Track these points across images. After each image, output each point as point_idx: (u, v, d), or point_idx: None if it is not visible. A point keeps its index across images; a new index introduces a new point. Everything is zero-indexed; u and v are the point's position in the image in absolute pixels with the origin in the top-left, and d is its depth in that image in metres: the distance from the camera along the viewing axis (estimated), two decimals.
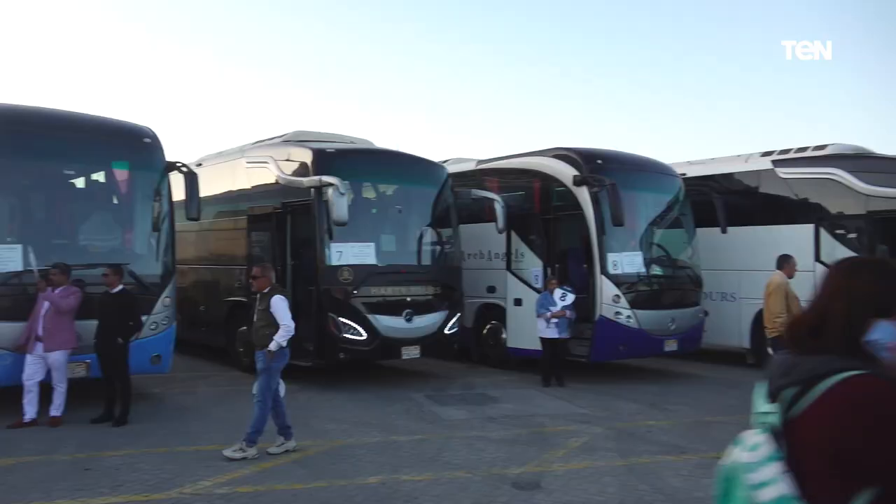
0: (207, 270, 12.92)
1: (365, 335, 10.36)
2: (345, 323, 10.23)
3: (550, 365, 11.08)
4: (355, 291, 10.35)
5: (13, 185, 9.12)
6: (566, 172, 11.52)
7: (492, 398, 10.11)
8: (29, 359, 7.94)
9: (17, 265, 8.30)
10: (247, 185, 12.10)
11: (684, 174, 13.02)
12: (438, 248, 11.81)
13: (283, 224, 11.01)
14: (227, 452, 6.84)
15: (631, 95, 47.36)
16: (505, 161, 13.21)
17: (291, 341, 7.21)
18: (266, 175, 11.48)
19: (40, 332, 7.90)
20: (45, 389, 8.10)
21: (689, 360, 12.80)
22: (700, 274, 12.24)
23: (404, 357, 10.90)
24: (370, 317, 10.40)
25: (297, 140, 11.74)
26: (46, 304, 7.90)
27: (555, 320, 10.81)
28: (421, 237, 11.56)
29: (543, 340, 11.02)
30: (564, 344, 11.13)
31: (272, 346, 6.98)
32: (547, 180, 12.03)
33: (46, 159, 9.17)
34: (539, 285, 11.60)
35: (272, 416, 7.13)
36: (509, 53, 48.40)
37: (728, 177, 13.30)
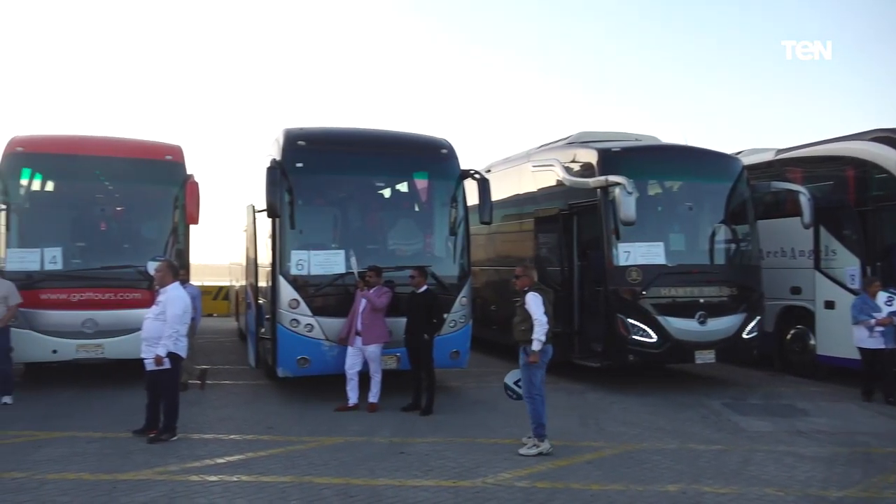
0: (496, 272, 13.51)
1: (655, 337, 10.05)
2: (634, 324, 10.03)
3: (875, 377, 9.74)
4: (644, 292, 10.09)
5: (335, 197, 10.40)
6: (891, 158, 10.07)
7: (800, 410, 9.18)
8: (350, 351, 9.00)
9: (340, 268, 9.44)
10: (533, 189, 12.44)
11: None
12: (734, 246, 11.04)
13: (569, 225, 11.12)
14: (523, 451, 7.07)
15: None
16: (809, 149, 11.92)
17: (578, 342, 7.25)
18: (551, 177, 11.70)
19: (359, 327, 8.89)
20: (363, 378, 9.09)
21: None
22: None
23: (698, 361, 10.38)
24: (660, 318, 10.07)
25: (581, 141, 11.78)
26: (364, 302, 8.88)
27: (879, 329, 9.48)
28: (714, 235, 10.90)
29: (863, 350, 9.73)
30: (892, 354, 9.67)
31: (535, 346, 7.06)
32: (864, 167, 10.63)
33: (359, 174, 10.30)
34: (855, 286, 10.27)
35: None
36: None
37: None
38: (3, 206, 9.96)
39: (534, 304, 7.17)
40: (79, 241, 10.61)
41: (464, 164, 10.35)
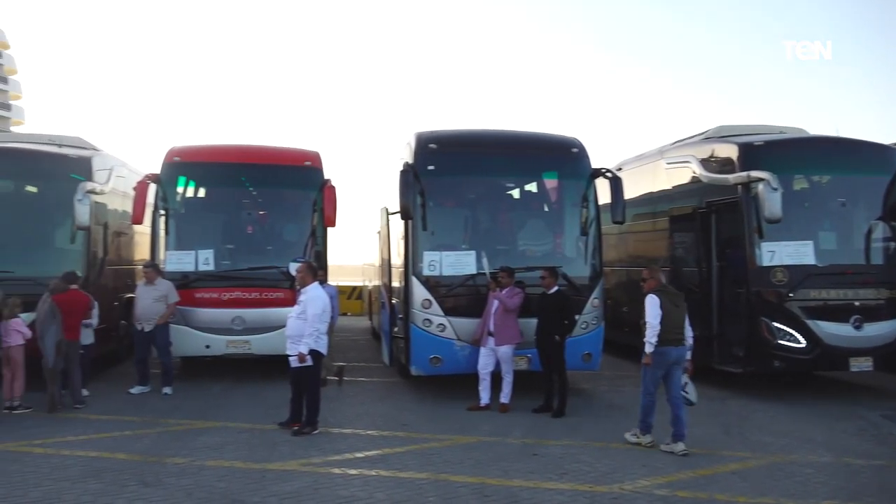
0: (628, 273, 13.16)
1: (804, 342, 9.45)
2: (780, 328, 9.47)
3: None
4: (791, 294, 9.50)
5: (465, 199, 10.51)
6: None
7: None
8: (483, 351, 9.06)
9: (471, 268, 9.53)
10: (667, 186, 12.02)
11: None
12: (893, 244, 10.16)
13: (706, 224, 10.65)
14: (626, 435, 7.48)
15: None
16: None
17: (717, 346, 7.03)
18: (687, 174, 11.26)
19: (491, 327, 8.93)
20: (495, 379, 9.13)
21: None
22: None
23: (853, 369, 9.64)
24: (810, 322, 9.45)
25: (719, 136, 11.26)
26: (496, 303, 8.91)
27: None
28: (870, 233, 10.09)
29: None
30: None
31: (646, 349, 7.17)
32: None
33: (490, 175, 10.37)
34: None
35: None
36: None
37: None
38: (163, 212, 10.80)
39: (649, 306, 7.22)
40: (228, 243, 11.35)
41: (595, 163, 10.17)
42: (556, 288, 8.94)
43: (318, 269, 9.90)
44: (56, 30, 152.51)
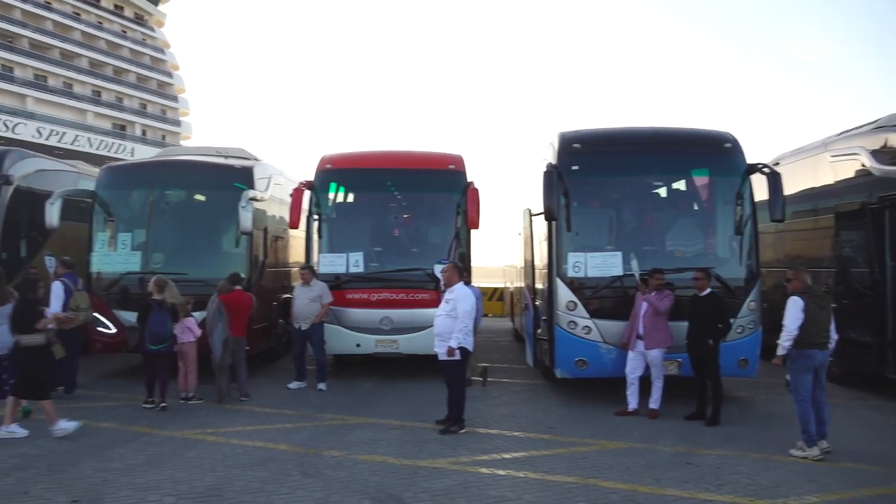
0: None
1: None
2: None
3: None
4: None
5: (610, 198, 10.29)
6: None
7: None
8: (631, 355, 8.83)
9: (617, 270, 9.31)
10: (831, 181, 11.15)
11: None
12: None
13: (879, 221, 9.77)
14: (792, 451, 7.04)
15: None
16: None
17: (893, 354, 6.46)
18: (855, 167, 10.39)
19: (640, 330, 8.68)
20: (643, 383, 8.86)
21: None
22: None
23: None
24: None
25: (893, 125, 10.31)
26: (645, 306, 8.65)
27: None
28: None
29: None
30: None
31: (778, 351, 7.11)
32: None
33: (637, 174, 10.08)
34: None
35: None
36: None
37: None
38: (316, 217, 11.37)
39: (790, 309, 7.09)
40: (376, 245, 11.78)
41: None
42: (708, 290, 8.56)
43: (464, 269, 10.13)
44: (214, 48, 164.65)
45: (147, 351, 9.01)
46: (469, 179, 11.48)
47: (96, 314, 10.93)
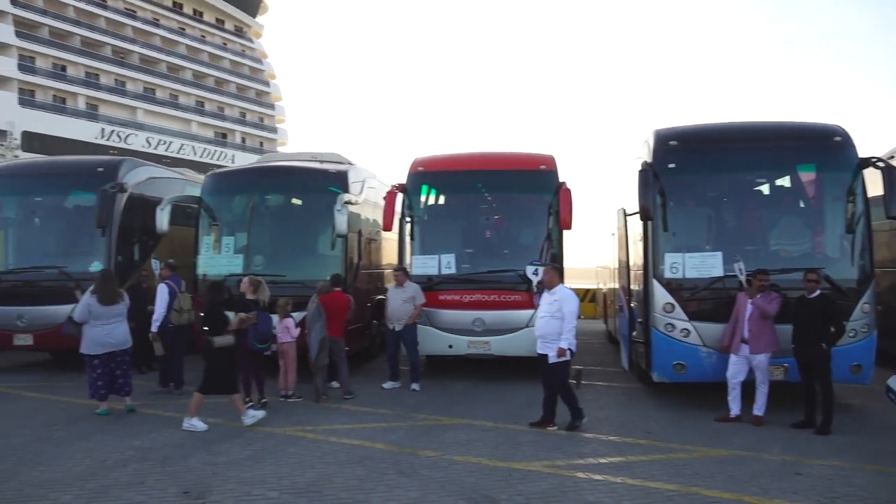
0: None
1: None
2: None
3: None
4: None
5: (709, 197, 9.92)
6: None
7: None
8: (733, 359, 8.48)
9: (717, 270, 8.98)
10: None
11: None
12: None
13: None
14: None
15: None
16: None
17: None
18: None
19: (745, 334, 8.34)
20: (745, 389, 8.51)
21: None
22: None
23: None
24: None
25: None
26: (750, 308, 8.30)
27: None
28: None
29: None
30: None
31: None
32: None
33: (737, 171, 9.68)
34: None
35: None
36: None
37: None
38: (409, 219, 11.52)
39: None
40: (468, 247, 11.82)
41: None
42: (818, 292, 8.12)
43: (562, 270, 10.08)
44: (307, 56, 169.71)
45: (254, 349, 9.33)
46: (561, 179, 11.36)
47: (203, 314, 11.47)
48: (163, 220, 11.50)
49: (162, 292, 10.08)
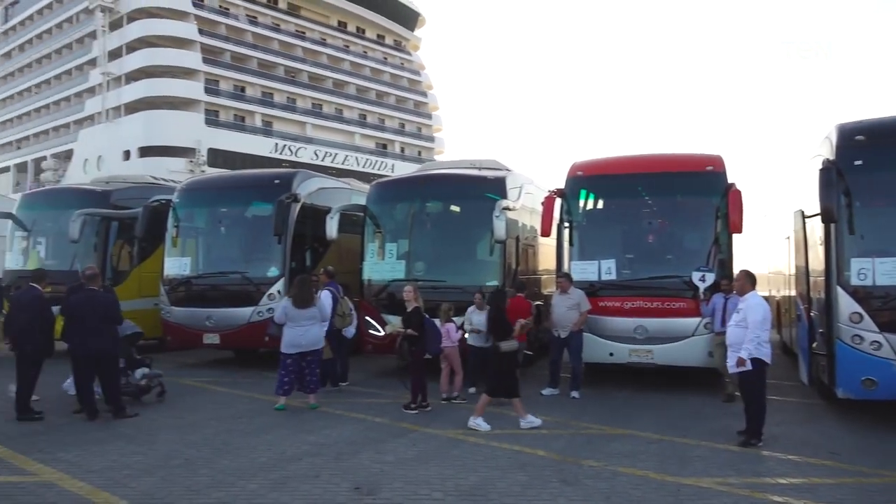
0: None
1: None
2: None
3: None
4: None
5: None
6: None
7: None
8: None
9: None
10: None
11: None
12: None
13: None
14: None
15: None
16: None
17: None
18: None
19: None
20: None
21: None
22: None
23: None
24: None
25: None
26: None
27: None
28: None
29: None
30: None
31: None
32: None
33: None
34: None
35: None
36: None
37: None
38: (567, 224, 11.39)
39: None
40: (629, 252, 11.50)
41: None
42: None
43: (722, 278, 9.62)
44: (462, 65, 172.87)
45: (434, 351, 9.63)
46: (730, 181, 10.77)
47: (367, 318, 12.01)
48: (332, 227, 12.15)
49: (326, 298, 10.64)
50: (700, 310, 10.44)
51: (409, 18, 71.29)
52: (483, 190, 12.00)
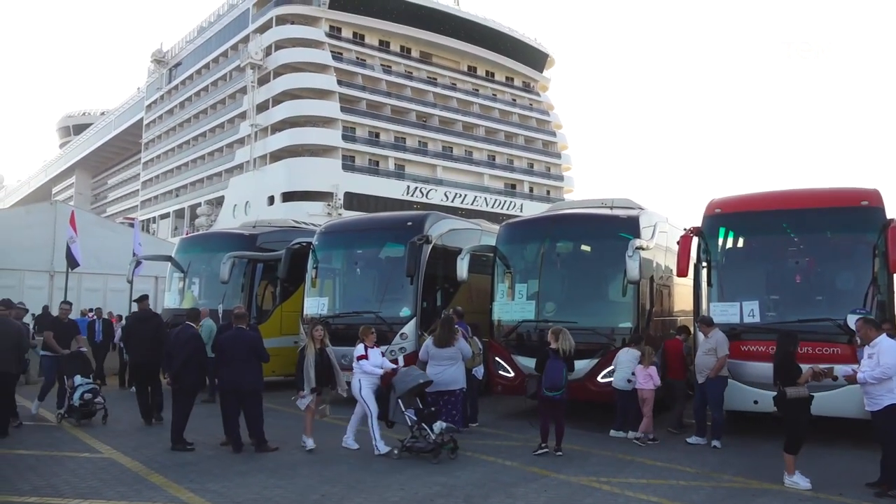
0: None
1: None
2: None
3: None
4: None
5: None
6: None
7: None
8: None
9: None
10: None
11: None
12: None
13: None
14: None
15: None
16: None
17: None
18: None
19: None
20: None
21: None
22: None
23: None
24: None
25: None
26: None
27: None
28: None
29: None
30: None
31: None
32: None
33: None
34: None
35: None
36: None
37: None
38: (706, 264, 10.91)
39: None
40: (773, 293, 10.82)
41: None
42: None
43: (882, 321, 8.88)
44: (591, 103, 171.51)
45: (543, 397, 9.47)
46: (889, 216, 9.96)
47: (497, 358, 11.98)
48: (463, 268, 12.29)
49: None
50: (857, 355, 9.61)
51: (538, 60, 71.93)
52: (615, 229, 11.75)
